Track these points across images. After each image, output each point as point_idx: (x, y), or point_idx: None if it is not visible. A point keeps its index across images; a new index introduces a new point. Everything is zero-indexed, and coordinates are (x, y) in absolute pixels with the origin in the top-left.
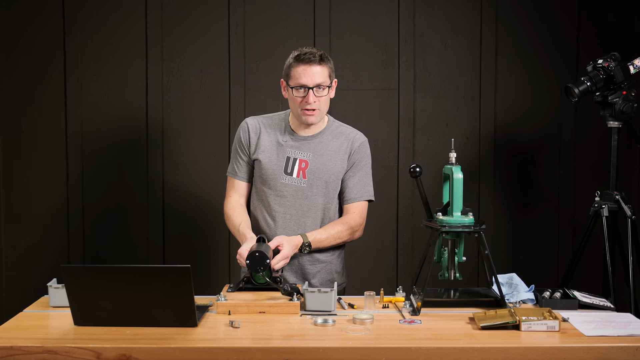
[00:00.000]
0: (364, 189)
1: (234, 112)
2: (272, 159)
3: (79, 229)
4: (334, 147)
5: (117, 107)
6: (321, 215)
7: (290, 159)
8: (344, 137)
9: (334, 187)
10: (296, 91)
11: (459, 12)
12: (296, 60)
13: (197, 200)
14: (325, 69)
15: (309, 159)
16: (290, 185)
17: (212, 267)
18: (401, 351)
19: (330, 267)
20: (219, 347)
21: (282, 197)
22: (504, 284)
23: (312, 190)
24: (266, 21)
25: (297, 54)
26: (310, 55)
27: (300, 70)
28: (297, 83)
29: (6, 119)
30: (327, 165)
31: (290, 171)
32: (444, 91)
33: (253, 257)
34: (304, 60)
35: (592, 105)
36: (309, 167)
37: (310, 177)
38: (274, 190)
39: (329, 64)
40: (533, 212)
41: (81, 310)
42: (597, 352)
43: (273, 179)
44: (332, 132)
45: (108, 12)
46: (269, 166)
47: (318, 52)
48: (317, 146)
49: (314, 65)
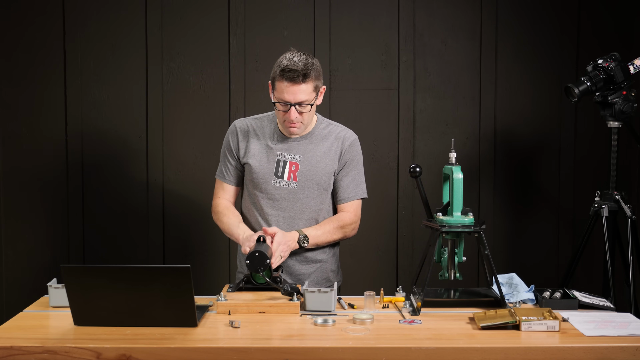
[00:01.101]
0: (357, 188)
1: (234, 112)
2: (262, 162)
3: (79, 229)
4: (324, 148)
5: (117, 107)
6: (315, 217)
7: (281, 162)
8: (334, 137)
9: (325, 187)
10: (279, 105)
11: (459, 12)
12: (280, 75)
13: (197, 200)
14: (310, 85)
15: (299, 161)
16: (282, 188)
17: (212, 267)
18: (401, 351)
19: (326, 266)
20: (219, 347)
21: (274, 200)
22: (504, 284)
23: (304, 192)
24: (266, 21)
25: (282, 69)
26: (293, 73)
27: (283, 86)
28: (280, 98)
29: (6, 119)
30: (318, 167)
31: (281, 174)
32: (444, 91)
33: (253, 257)
34: (288, 78)
35: (592, 105)
36: (299, 169)
37: (301, 179)
38: (265, 194)
39: (314, 77)
40: (533, 212)
41: (81, 310)
42: (597, 352)
43: (264, 182)
44: (320, 132)
45: (108, 12)
46: (259, 170)
47: (302, 68)
48: (306, 147)
49: (297, 85)
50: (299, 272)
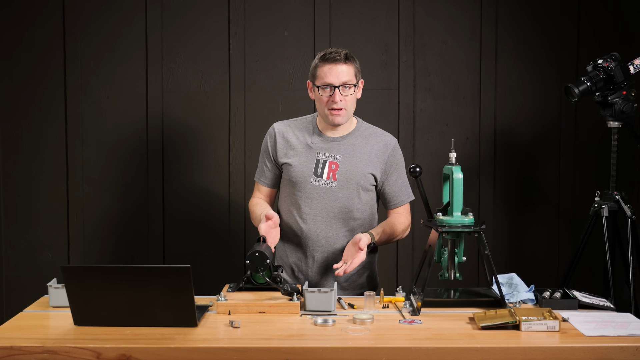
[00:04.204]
0: (406, 191)
1: (234, 112)
2: (301, 161)
3: (79, 229)
4: (365, 149)
5: (117, 107)
6: (352, 217)
7: (320, 161)
8: (375, 140)
9: (365, 187)
10: (322, 90)
11: (459, 12)
12: (322, 59)
13: (197, 200)
14: (352, 68)
15: (339, 160)
16: (320, 187)
17: (212, 267)
18: (401, 351)
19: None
20: (219, 347)
21: (312, 200)
22: (504, 284)
23: (343, 192)
24: (266, 21)
25: (323, 54)
26: (335, 54)
27: (326, 69)
28: (323, 82)
29: (6, 119)
30: (358, 167)
31: (320, 173)
32: (444, 91)
33: (253, 257)
34: (330, 60)
35: (592, 105)
36: (339, 169)
37: (340, 178)
38: (303, 193)
39: (355, 63)
40: (533, 212)
41: (81, 310)
42: (597, 352)
43: (303, 181)
44: (361, 133)
45: (108, 12)
46: (298, 169)
47: (344, 51)
48: (347, 148)
49: (340, 64)
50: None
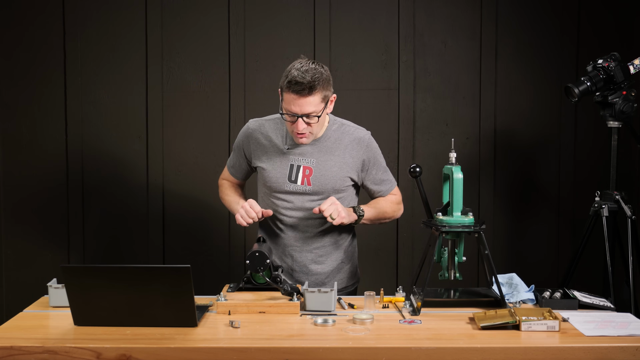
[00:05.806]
0: (389, 179)
1: (234, 112)
2: (275, 167)
3: (79, 229)
4: (339, 151)
5: (117, 107)
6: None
7: (294, 167)
8: (348, 139)
9: (341, 189)
10: (287, 115)
11: (459, 12)
12: (287, 86)
13: (197, 200)
14: (317, 97)
15: (313, 165)
16: (295, 192)
17: (212, 267)
18: (401, 351)
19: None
20: (219, 347)
21: (288, 202)
22: (504, 284)
23: (318, 196)
24: (266, 21)
25: (290, 80)
26: (300, 86)
27: (290, 98)
28: (287, 110)
29: (6, 119)
30: (332, 171)
31: (295, 179)
32: (444, 91)
33: (253, 257)
34: (294, 91)
35: (592, 105)
36: (313, 174)
37: (315, 183)
38: (279, 197)
39: (321, 88)
40: (533, 212)
41: (81, 310)
42: (597, 352)
43: (277, 186)
44: (334, 133)
45: (108, 12)
46: (272, 174)
47: (310, 79)
48: (320, 151)
49: (304, 97)
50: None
